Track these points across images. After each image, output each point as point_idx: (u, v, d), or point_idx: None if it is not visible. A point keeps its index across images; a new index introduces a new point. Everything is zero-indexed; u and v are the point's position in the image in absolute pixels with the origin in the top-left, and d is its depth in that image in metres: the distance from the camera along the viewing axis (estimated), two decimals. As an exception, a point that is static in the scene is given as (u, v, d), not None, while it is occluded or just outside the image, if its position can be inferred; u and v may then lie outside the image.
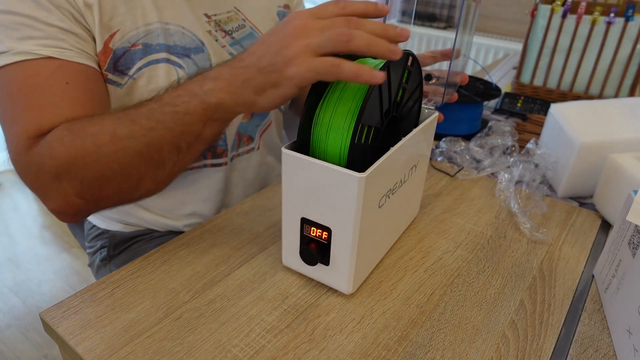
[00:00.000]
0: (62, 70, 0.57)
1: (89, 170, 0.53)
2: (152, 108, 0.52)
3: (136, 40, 0.63)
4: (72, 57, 0.58)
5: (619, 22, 1.05)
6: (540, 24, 1.12)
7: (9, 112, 0.57)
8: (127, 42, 0.63)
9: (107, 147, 0.52)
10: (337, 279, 0.52)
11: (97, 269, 0.84)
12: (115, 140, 0.52)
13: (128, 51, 0.63)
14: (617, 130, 0.73)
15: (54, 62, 0.57)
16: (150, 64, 0.64)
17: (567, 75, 1.14)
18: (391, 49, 0.43)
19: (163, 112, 0.51)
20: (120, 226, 0.81)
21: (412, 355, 0.48)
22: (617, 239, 0.55)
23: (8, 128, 0.57)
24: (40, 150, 0.54)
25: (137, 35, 0.63)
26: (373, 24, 0.44)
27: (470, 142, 0.85)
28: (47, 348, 1.42)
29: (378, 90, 0.46)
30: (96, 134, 0.52)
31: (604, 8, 1.06)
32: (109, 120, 0.53)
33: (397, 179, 0.53)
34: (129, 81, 0.64)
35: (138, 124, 0.52)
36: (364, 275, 0.55)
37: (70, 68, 0.58)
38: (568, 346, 0.50)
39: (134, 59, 0.63)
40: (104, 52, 0.62)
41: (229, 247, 0.61)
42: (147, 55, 0.64)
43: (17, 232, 1.91)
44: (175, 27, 0.66)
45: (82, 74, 0.59)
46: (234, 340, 0.48)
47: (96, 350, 0.46)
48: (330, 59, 0.43)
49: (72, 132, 0.53)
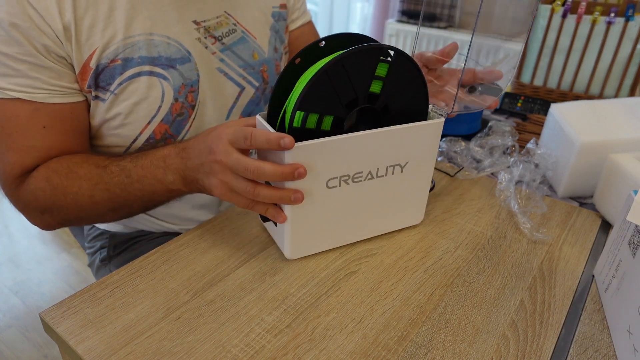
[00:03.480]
0: (38, 113, 0.60)
1: (69, 214, 0.64)
2: (123, 182, 0.60)
3: (114, 56, 0.62)
4: (45, 98, 0.60)
5: (619, 22, 1.05)
6: (540, 24, 1.12)
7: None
8: (105, 59, 0.61)
9: (86, 206, 0.62)
10: (281, 241, 0.59)
11: (97, 269, 0.84)
12: (93, 202, 0.61)
13: (107, 67, 0.62)
14: (617, 130, 0.73)
15: (30, 105, 0.59)
16: (131, 77, 0.63)
17: (567, 75, 1.14)
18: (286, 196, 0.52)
19: (133, 188, 0.60)
20: (120, 227, 0.81)
21: (412, 355, 0.48)
22: (617, 239, 0.55)
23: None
24: (25, 193, 0.63)
25: (115, 51, 0.62)
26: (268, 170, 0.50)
27: (470, 142, 0.85)
28: (47, 348, 1.42)
29: (328, 80, 0.49)
30: (76, 193, 0.61)
31: (604, 8, 1.06)
32: (86, 184, 0.61)
33: (358, 169, 0.55)
34: (111, 96, 0.63)
35: (112, 193, 0.61)
36: (311, 248, 0.59)
37: (45, 110, 0.61)
38: (568, 346, 0.50)
39: (113, 74, 0.62)
40: (84, 72, 0.61)
41: (229, 247, 0.61)
42: (127, 70, 0.63)
43: (17, 232, 1.91)
44: (160, 38, 0.65)
45: (57, 114, 0.62)
46: (234, 340, 0.48)
47: (96, 350, 0.46)
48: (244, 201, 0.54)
49: (53, 186, 0.61)
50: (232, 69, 0.73)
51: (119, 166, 0.61)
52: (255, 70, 0.76)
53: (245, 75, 0.75)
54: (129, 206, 0.62)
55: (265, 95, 0.80)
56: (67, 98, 0.62)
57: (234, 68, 0.73)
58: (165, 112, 0.67)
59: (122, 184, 0.60)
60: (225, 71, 0.72)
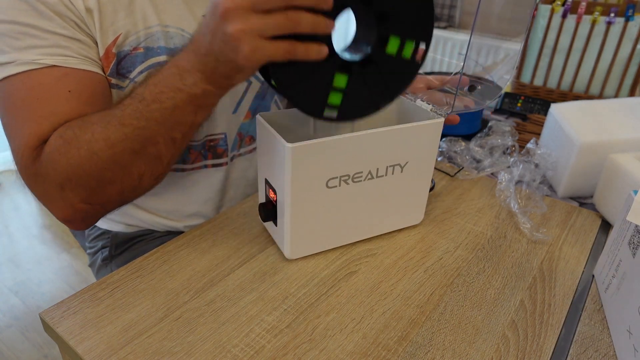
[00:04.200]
0: (66, 78, 0.57)
1: (90, 176, 0.54)
2: (137, 109, 0.52)
3: (137, 44, 0.63)
4: (77, 64, 0.58)
5: (619, 22, 1.05)
6: (540, 24, 1.12)
7: (12, 125, 0.57)
8: (128, 46, 0.62)
9: (103, 153, 0.53)
10: (281, 241, 0.58)
11: (98, 268, 0.84)
12: (110, 145, 0.53)
13: (129, 55, 0.63)
14: (617, 130, 0.73)
15: (59, 71, 0.57)
16: (151, 67, 0.64)
17: (567, 75, 1.14)
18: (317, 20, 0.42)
19: (150, 110, 0.51)
20: (122, 226, 0.81)
21: (412, 355, 0.48)
22: (617, 239, 0.55)
23: (12, 141, 0.58)
24: (43, 162, 0.55)
25: (137, 40, 0.63)
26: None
27: (470, 142, 0.85)
28: (47, 348, 1.42)
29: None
30: (90, 141, 0.53)
31: (604, 8, 1.06)
32: (99, 127, 0.53)
33: (358, 169, 0.55)
34: (130, 84, 0.64)
35: (129, 126, 0.52)
36: (311, 248, 0.59)
37: (75, 75, 0.58)
38: (568, 346, 0.50)
39: (135, 62, 0.63)
40: (107, 57, 0.62)
41: (229, 247, 0.61)
42: (149, 59, 0.64)
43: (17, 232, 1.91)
44: (175, 30, 0.66)
45: (87, 81, 0.59)
46: (234, 340, 0.48)
47: (96, 350, 0.46)
48: (283, 46, 0.42)
49: (66, 141, 0.54)
50: None
51: (130, 97, 0.53)
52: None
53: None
54: (153, 142, 0.53)
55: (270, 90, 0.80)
56: (96, 69, 0.61)
57: None
58: None
59: (137, 112, 0.52)
60: None
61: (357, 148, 0.54)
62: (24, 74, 0.55)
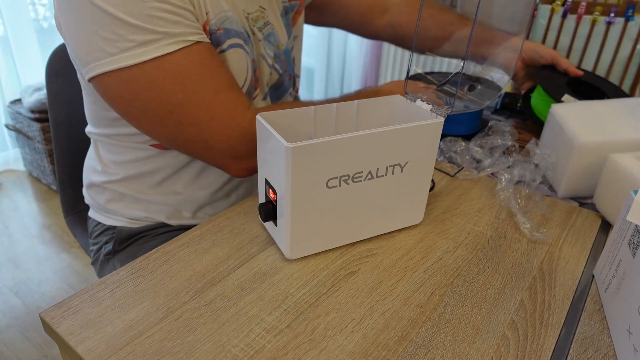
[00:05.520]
0: (213, 53, 0.65)
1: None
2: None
3: (220, 25, 0.68)
4: (206, 39, 0.65)
5: (619, 22, 1.05)
6: (540, 24, 1.12)
7: (213, 88, 0.64)
8: (214, 26, 0.68)
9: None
10: (281, 241, 0.59)
11: (101, 264, 0.84)
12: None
13: (215, 34, 0.68)
14: (617, 130, 0.73)
15: (204, 46, 0.64)
16: (230, 47, 0.70)
17: (567, 75, 1.14)
18: None
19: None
20: (126, 221, 0.82)
21: (412, 355, 0.48)
22: (617, 239, 0.55)
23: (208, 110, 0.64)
24: (252, 122, 0.66)
25: (219, 20, 0.68)
26: None
27: (470, 142, 0.85)
28: (47, 348, 1.42)
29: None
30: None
31: (604, 8, 1.06)
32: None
33: (358, 169, 0.55)
34: None
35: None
36: (311, 248, 0.59)
37: (213, 50, 0.66)
38: (568, 346, 0.50)
39: (219, 41, 0.69)
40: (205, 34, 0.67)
41: (229, 247, 0.61)
42: (227, 40, 0.70)
43: (17, 232, 1.91)
44: (235, 17, 0.71)
45: (219, 57, 0.68)
46: (234, 340, 0.48)
47: (96, 350, 0.46)
48: None
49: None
50: (269, 56, 0.80)
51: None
52: (280, 59, 0.83)
53: (273, 63, 0.82)
54: None
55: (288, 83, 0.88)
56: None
57: (269, 56, 0.80)
58: (248, 85, 0.74)
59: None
60: (266, 58, 0.79)
61: (357, 148, 0.54)
62: (192, 47, 0.62)
